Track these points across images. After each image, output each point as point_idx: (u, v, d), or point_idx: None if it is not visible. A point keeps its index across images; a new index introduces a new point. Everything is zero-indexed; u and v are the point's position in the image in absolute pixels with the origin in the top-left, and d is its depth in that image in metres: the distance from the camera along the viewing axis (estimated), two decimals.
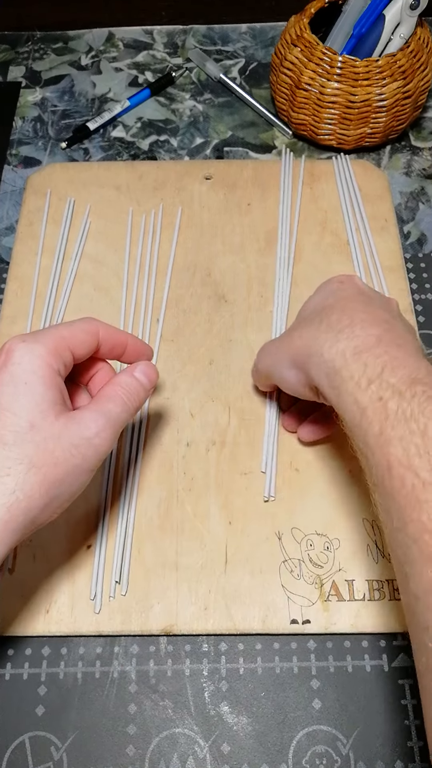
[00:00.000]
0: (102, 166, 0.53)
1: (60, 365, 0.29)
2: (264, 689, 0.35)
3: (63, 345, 0.29)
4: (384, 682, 0.35)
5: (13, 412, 0.27)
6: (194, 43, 0.63)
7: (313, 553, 0.38)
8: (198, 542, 0.38)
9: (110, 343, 0.32)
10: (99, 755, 0.33)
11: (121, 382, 0.31)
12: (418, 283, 0.48)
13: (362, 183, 0.52)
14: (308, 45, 0.50)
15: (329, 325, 0.31)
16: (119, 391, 0.31)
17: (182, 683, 0.35)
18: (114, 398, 0.30)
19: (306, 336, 0.32)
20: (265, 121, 0.58)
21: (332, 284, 0.35)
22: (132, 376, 0.32)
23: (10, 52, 0.63)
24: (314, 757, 0.33)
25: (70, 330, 0.30)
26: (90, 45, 0.63)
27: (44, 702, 0.34)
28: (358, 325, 0.30)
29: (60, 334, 0.30)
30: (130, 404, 0.31)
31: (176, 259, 0.49)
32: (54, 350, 0.29)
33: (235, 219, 0.50)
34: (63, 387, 0.29)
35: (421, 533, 0.23)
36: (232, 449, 0.41)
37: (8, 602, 0.36)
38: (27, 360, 0.28)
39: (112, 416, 0.30)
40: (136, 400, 0.31)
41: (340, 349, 0.29)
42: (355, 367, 0.28)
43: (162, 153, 0.56)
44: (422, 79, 0.51)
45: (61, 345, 0.29)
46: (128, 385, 0.31)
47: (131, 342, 0.34)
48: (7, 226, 0.52)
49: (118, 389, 0.31)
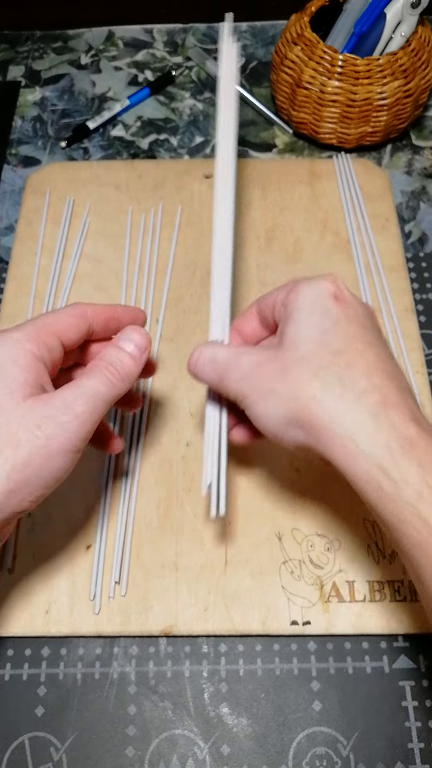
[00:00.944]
0: (101, 165, 0.53)
1: (44, 351, 0.28)
2: (264, 691, 0.35)
3: (46, 331, 0.29)
4: (384, 683, 0.35)
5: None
6: (194, 42, 0.63)
7: (314, 554, 0.37)
8: (198, 543, 0.38)
9: (102, 319, 0.31)
10: (98, 756, 0.33)
11: (103, 355, 0.30)
12: (419, 283, 0.48)
13: (363, 182, 0.52)
14: (309, 43, 0.50)
15: (350, 387, 0.27)
16: (100, 364, 0.29)
17: (182, 684, 0.35)
18: (93, 372, 0.29)
19: (324, 402, 0.27)
20: (265, 120, 0.57)
21: (326, 302, 0.29)
22: (116, 347, 0.30)
23: (10, 51, 0.63)
24: (314, 758, 0.33)
25: (54, 316, 0.30)
26: (89, 44, 0.63)
27: (44, 703, 0.34)
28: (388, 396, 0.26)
29: (43, 321, 0.29)
30: (113, 376, 0.29)
31: (176, 258, 0.48)
32: (35, 337, 0.28)
33: (236, 218, 0.50)
34: (42, 372, 0.28)
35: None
36: (232, 449, 0.41)
37: (8, 602, 0.36)
38: (5, 348, 0.28)
39: (87, 392, 0.28)
40: (122, 370, 0.30)
41: (382, 441, 0.25)
42: (407, 468, 0.24)
43: (162, 152, 0.56)
44: (423, 77, 0.51)
45: (43, 331, 0.29)
46: (110, 356, 0.30)
47: (121, 311, 0.32)
48: (7, 225, 0.52)
49: (99, 362, 0.30)
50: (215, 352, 0.31)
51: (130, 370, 0.30)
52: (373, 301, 0.46)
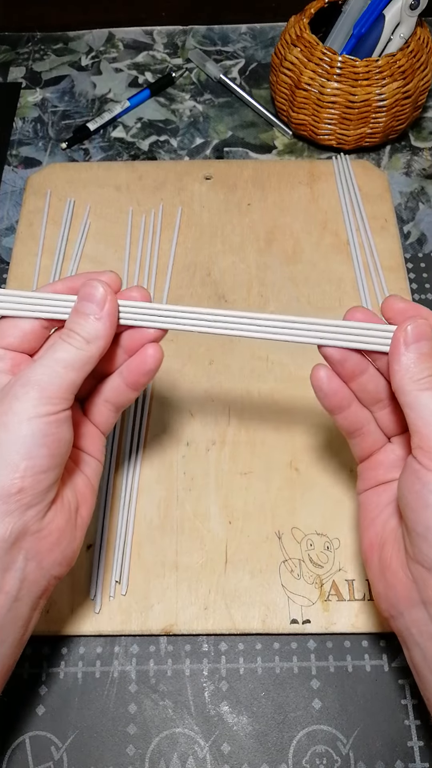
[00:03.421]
0: (102, 167, 0.54)
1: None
2: (264, 689, 0.35)
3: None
4: (384, 681, 0.35)
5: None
6: (194, 44, 0.63)
7: (313, 552, 0.38)
8: (198, 542, 0.38)
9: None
10: (99, 755, 0.33)
11: (67, 323, 0.28)
12: (418, 283, 0.48)
13: (362, 183, 0.52)
14: (308, 45, 0.50)
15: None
16: (59, 333, 0.28)
17: (182, 683, 0.35)
18: (54, 343, 0.28)
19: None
20: (264, 122, 0.58)
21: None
22: (74, 310, 0.28)
23: (11, 52, 0.63)
24: (314, 757, 0.33)
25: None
26: (90, 45, 0.63)
27: (44, 702, 0.34)
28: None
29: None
30: (75, 340, 0.27)
31: (176, 259, 0.49)
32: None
33: (235, 219, 0.50)
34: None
35: None
36: (232, 449, 0.41)
37: None
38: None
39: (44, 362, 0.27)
40: (82, 332, 0.28)
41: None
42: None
43: (162, 153, 0.56)
44: (422, 79, 0.51)
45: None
46: (69, 322, 0.28)
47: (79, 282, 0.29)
48: (8, 226, 0.52)
49: (59, 332, 0.28)
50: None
51: (82, 324, 0.28)
52: (372, 301, 0.46)
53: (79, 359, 0.27)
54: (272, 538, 0.38)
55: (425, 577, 0.26)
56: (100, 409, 0.31)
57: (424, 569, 0.26)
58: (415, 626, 0.27)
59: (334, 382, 0.29)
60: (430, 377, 0.26)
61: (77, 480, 0.30)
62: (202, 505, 0.39)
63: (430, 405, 0.26)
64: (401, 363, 0.27)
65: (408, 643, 0.28)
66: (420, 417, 0.26)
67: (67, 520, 0.28)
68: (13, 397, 0.26)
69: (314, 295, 0.47)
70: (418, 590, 0.26)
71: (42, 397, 0.26)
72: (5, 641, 0.26)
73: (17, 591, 0.26)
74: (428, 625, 0.26)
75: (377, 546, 0.29)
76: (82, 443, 0.31)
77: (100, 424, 0.31)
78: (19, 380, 0.26)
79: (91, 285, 0.28)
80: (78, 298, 0.28)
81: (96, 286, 0.28)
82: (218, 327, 0.29)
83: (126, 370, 0.30)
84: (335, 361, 0.29)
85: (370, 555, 0.29)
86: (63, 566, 0.28)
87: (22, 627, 0.27)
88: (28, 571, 0.26)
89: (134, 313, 0.29)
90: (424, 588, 0.26)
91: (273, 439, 0.41)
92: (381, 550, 0.29)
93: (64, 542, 0.28)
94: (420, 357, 0.26)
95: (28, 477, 0.25)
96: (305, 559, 0.37)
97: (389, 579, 0.28)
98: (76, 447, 0.30)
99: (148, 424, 0.42)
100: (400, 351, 0.27)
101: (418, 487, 0.25)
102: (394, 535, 0.28)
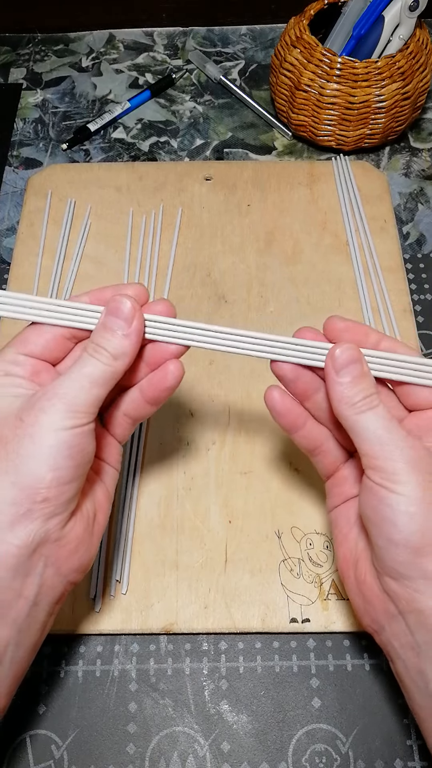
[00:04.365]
0: (102, 167, 0.54)
1: (9, 367, 0.28)
2: (264, 688, 0.35)
3: (6, 350, 0.29)
4: (383, 680, 0.35)
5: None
6: (194, 45, 0.63)
7: (313, 552, 0.38)
8: (198, 541, 0.38)
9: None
10: (99, 753, 0.33)
11: (93, 337, 0.28)
12: (417, 284, 0.49)
13: (361, 184, 0.52)
14: (308, 46, 0.51)
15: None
16: (88, 347, 0.28)
17: (182, 682, 0.35)
18: (81, 357, 0.28)
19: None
20: (264, 123, 0.58)
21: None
22: (101, 324, 0.28)
23: (11, 54, 0.63)
24: (314, 755, 0.33)
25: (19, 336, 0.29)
26: (90, 47, 0.63)
27: (45, 700, 0.35)
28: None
29: (6, 346, 0.29)
30: (101, 356, 0.27)
31: (176, 259, 0.49)
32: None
33: (235, 220, 0.51)
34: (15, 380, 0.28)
35: None
36: (232, 449, 0.41)
37: None
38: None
39: (71, 375, 0.27)
40: (99, 341, 0.28)
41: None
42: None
43: (162, 154, 0.56)
44: (421, 80, 0.52)
45: (3, 353, 0.29)
46: (96, 336, 0.28)
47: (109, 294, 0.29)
48: (8, 227, 0.52)
49: (88, 345, 0.28)
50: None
51: (117, 346, 0.28)
52: (372, 301, 0.46)
53: (105, 375, 0.27)
54: (272, 538, 0.38)
55: (395, 589, 0.26)
56: (119, 421, 0.31)
57: (393, 581, 0.26)
58: (395, 638, 0.27)
59: (287, 401, 0.30)
60: (365, 399, 0.27)
61: (96, 489, 0.30)
62: (202, 505, 0.39)
63: (369, 426, 0.26)
64: (335, 390, 0.27)
65: (391, 655, 0.28)
66: (364, 439, 0.26)
67: (86, 528, 0.28)
68: (39, 410, 0.26)
69: (314, 296, 0.47)
70: (393, 602, 0.26)
71: (68, 411, 0.26)
72: (22, 645, 0.27)
73: (35, 596, 0.26)
74: (407, 636, 0.26)
75: (351, 562, 0.29)
76: (100, 453, 0.31)
77: (118, 435, 0.32)
78: (46, 393, 0.27)
79: (119, 300, 0.28)
80: (105, 312, 0.28)
81: (124, 302, 0.28)
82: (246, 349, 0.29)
83: (146, 384, 0.30)
84: (288, 380, 0.29)
85: (346, 571, 0.30)
86: (79, 572, 0.28)
87: (38, 631, 0.28)
88: (46, 576, 0.27)
89: (160, 329, 0.29)
90: (397, 600, 0.26)
91: (273, 439, 0.41)
92: (355, 566, 0.29)
93: (82, 549, 0.28)
94: (353, 381, 0.27)
95: (53, 487, 0.26)
96: (305, 559, 0.38)
97: (366, 594, 0.28)
98: (95, 456, 0.30)
99: (148, 424, 0.42)
100: (332, 378, 0.27)
101: (375, 503, 0.26)
102: (366, 552, 0.29)
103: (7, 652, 0.26)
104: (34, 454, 0.26)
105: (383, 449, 0.26)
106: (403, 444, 0.26)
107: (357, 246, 0.49)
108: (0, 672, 0.26)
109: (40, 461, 0.25)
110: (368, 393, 0.27)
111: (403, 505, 0.25)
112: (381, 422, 0.26)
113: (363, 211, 0.50)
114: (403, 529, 0.25)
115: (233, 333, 0.29)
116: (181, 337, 0.29)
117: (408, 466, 0.26)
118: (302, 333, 0.29)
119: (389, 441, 0.26)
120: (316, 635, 0.36)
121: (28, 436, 0.26)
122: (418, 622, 0.26)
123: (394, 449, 0.26)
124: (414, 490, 0.25)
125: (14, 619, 0.26)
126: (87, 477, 0.29)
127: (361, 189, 0.52)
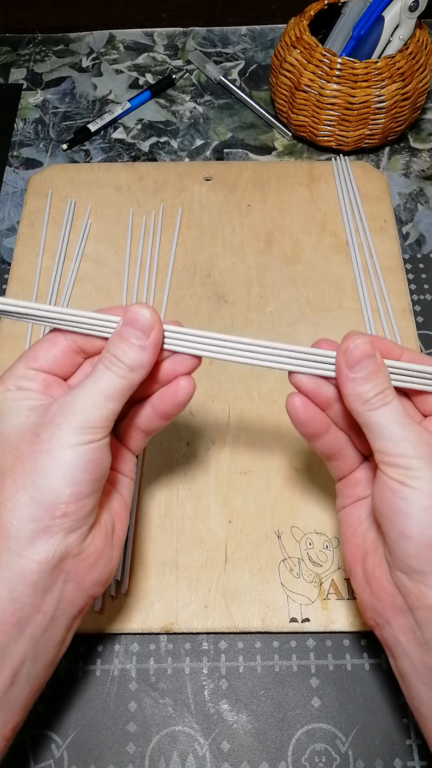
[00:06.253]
0: (103, 168, 0.54)
1: (20, 382, 0.28)
2: (263, 687, 0.35)
3: (16, 366, 0.29)
4: (383, 680, 0.35)
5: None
6: (194, 45, 0.63)
7: (313, 551, 0.38)
8: (198, 541, 0.38)
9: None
10: (99, 753, 0.33)
11: (108, 347, 0.27)
12: (416, 284, 0.49)
13: (361, 184, 0.52)
14: (308, 47, 0.51)
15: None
16: (103, 358, 0.27)
17: (182, 681, 0.35)
18: (95, 369, 0.27)
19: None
20: (264, 123, 0.58)
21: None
22: (117, 335, 0.27)
23: (12, 54, 0.63)
24: (313, 755, 0.33)
25: (28, 351, 0.29)
26: (91, 47, 0.63)
27: (45, 700, 0.35)
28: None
29: (16, 361, 0.29)
30: (111, 362, 0.27)
31: (176, 259, 0.49)
32: (8, 376, 0.28)
33: (235, 220, 0.51)
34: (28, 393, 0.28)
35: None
36: (232, 449, 0.41)
37: None
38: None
39: (84, 389, 0.27)
40: (116, 352, 0.27)
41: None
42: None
43: (162, 154, 0.56)
44: (421, 80, 0.52)
45: (13, 368, 0.29)
46: (113, 347, 0.27)
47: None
48: (9, 227, 0.52)
49: (103, 355, 0.27)
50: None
51: (134, 357, 0.27)
52: (371, 301, 0.46)
53: (121, 388, 0.27)
54: (272, 537, 0.38)
55: (406, 584, 0.26)
56: (132, 434, 0.31)
57: (405, 575, 0.26)
58: (402, 634, 0.27)
59: (311, 409, 0.29)
60: (379, 395, 0.26)
61: (113, 500, 0.30)
62: (202, 505, 0.39)
63: (384, 422, 0.26)
64: (348, 386, 0.27)
65: (395, 652, 0.28)
66: (378, 435, 0.26)
67: (105, 541, 0.28)
68: (55, 426, 0.26)
69: (314, 296, 0.47)
70: (403, 597, 0.26)
71: (84, 427, 0.26)
72: (39, 660, 0.26)
73: (54, 611, 0.26)
74: (415, 631, 0.26)
75: (359, 557, 0.29)
76: (115, 464, 0.31)
77: (131, 447, 0.32)
78: (62, 408, 0.26)
79: (137, 309, 0.27)
80: (122, 322, 0.27)
81: (142, 311, 0.27)
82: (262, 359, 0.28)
83: (157, 399, 0.30)
84: (308, 390, 0.29)
85: (354, 566, 0.30)
86: (100, 585, 0.28)
87: (56, 647, 0.27)
88: (65, 591, 0.26)
89: (177, 339, 0.28)
90: (407, 594, 0.26)
91: (273, 439, 0.41)
92: (363, 560, 0.29)
93: (102, 562, 0.28)
94: (366, 377, 0.26)
95: (72, 502, 0.25)
96: (304, 558, 0.38)
97: (374, 588, 0.28)
98: (110, 468, 0.30)
99: None
100: (344, 374, 0.27)
101: (389, 495, 0.26)
102: (375, 545, 0.29)
103: (24, 668, 0.26)
104: (52, 469, 0.25)
105: (397, 445, 0.26)
106: (418, 440, 0.26)
107: (357, 246, 0.49)
108: (16, 688, 0.26)
109: (58, 476, 0.25)
110: (382, 388, 0.26)
111: (417, 499, 0.25)
112: (396, 417, 0.26)
113: (363, 211, 0.50)
114: (418, 522, 0.25)
115: (253, 344, 0.28)
116: (198, 348, 0.28)
117: (423, 461, 0.26)
118: (320, 345, 0.29)
119: (404, 437, 0.26)
120: (316, 635, 0.36)
121: (45, 451, 0.25)
122: (427, 618, 0.26)
123: (408, 445, 0.26)
124: (429, 484, 0.25)
125: (32, 635, 0.26)
126: (103, 489, 0.28)
127: (361, 189, 0.52)
